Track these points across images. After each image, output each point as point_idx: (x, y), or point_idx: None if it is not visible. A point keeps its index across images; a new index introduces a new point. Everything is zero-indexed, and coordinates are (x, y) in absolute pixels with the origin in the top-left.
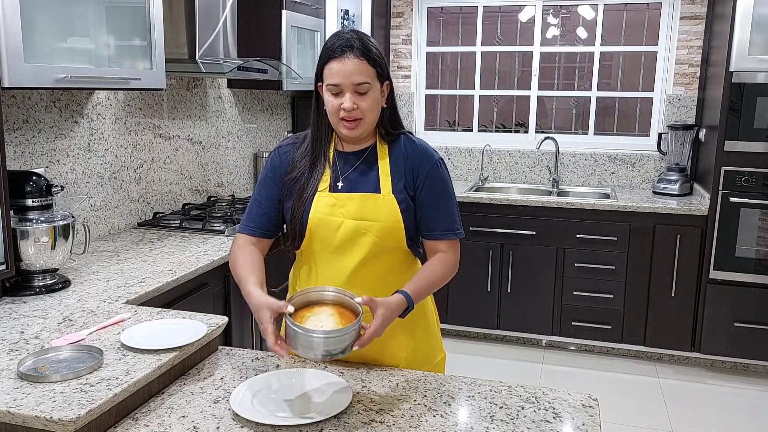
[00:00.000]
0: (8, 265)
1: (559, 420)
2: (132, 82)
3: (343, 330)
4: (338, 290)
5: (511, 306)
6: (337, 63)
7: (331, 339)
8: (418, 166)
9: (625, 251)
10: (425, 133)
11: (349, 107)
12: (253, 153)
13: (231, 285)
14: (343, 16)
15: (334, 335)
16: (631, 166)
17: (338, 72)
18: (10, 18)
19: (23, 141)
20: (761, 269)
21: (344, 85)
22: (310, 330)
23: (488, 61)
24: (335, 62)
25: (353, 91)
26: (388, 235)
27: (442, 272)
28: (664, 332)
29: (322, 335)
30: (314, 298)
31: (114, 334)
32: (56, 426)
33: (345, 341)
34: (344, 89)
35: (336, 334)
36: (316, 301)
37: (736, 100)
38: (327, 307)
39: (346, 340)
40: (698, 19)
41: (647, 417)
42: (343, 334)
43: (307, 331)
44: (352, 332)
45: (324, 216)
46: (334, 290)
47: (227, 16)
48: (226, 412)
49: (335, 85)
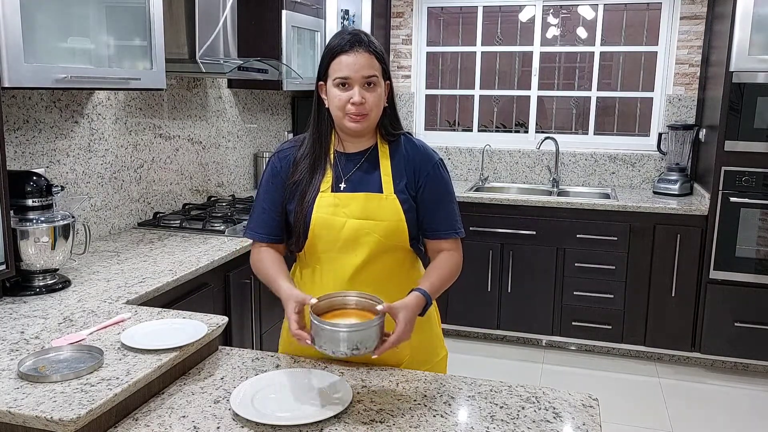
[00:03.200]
0: (8, 265)
1: (560, 420)
2: (132, 82)
3: (367, 323)
4: (361, 294)
5: (511, 306)
6: (346, 56)
7: (355, 332)
8: (419, 168)
9: (625, 251)
10: (425, 133)
11: (358, 100)
12: (254, 153)
13: (231, 285)
14: (343, 16)
15: (358, 328)
16: (631, 166)
17: (348, 65)
18: (10, 18)
19: (23, 141)
20: (761, 269)
21: (354, 78)
22: (334, 323)
23: (488, 61)
24: (344, 56)
25: (362, 85)
26: (391, 235)
27: (450, 269)
28: (664, 332)
29: (346, 328)
30: (338, 303)
31: (114, 334)
32: (56, 426)
33: (369, 335)
34: (353, 82)
35: (360, 327)
36: (339, 305)
37: (736, 100)
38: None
39: (369, 334)
40: (698, 19)
41: (647, 417)
42: (367, 327)
43: (332, 326)
44: (375, 326)
45: (327, 216)
46: (357, 294)
47: (227, 16)
48: (226, 412)
49: (344, 78)
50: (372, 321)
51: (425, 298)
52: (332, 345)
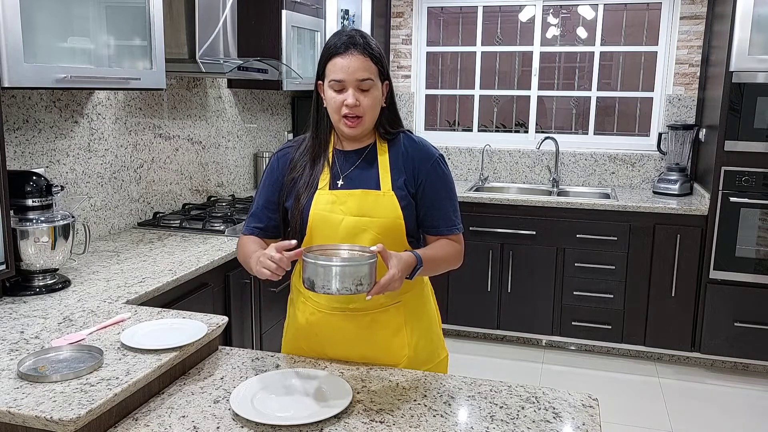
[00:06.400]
0: (8, 265)
1: (560, 420)
2: (132, 82)
3: (360, 260)
4: (353, 246)
5: (511, 306)
6: (341, 59)
7: (348, 267)
8: (419, 165)
9: (625, 251)
10: (425, 133)
11: (351, 103)
12: (253, 153)
13: (231, 285)
14: (343, 16)
15: (351, 263)
16: (631, 166)
17: (342, 68)
18: (10, 18)
19: (23, 141)
20: (761, 269)
21: (347, 81)
22: (327, 258)
23: (488, 61)
24: (339, 58)
25: (356, 88)
26: (388, 231)
27: (449, 251)
28: (664, 332)
29: (339, 262)
30: (330, 252)
31: (114, 334)
32: (56, 426)
33: (361, 272)
34: (347, 85)
35: (353, 263)
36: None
37: (736, 100)
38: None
39: (362, 270)
40: (698, 19)
41: (647, 417)
42: (359, 263)
43: (325, 260)
44: (368, 264)
45: (325, 213)
46: (349, 246)
47: (227, 16)
48: (226, 412)
49: (338, 81)
50: (365, 258)
51: (416, 259)
52: (324, 281)
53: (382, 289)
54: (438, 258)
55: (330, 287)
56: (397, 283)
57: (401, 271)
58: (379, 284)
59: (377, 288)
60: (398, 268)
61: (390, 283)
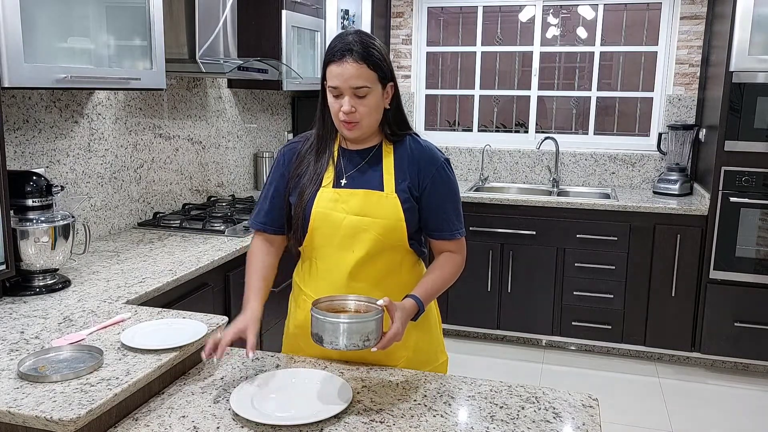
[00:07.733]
0: (8, 265)
1: (560, 420)
2: (132, 82)
3: (366, 316)
4: (360, 297)
5: (511, 306)
6: (336, 66)
7: (355, 324)
8: (424, 169)
9: (625, 251)
10: (425, 133)
11: (347, 110)
12: (254, 153)
13: (231, 285)
14: (343, 16)
15: (358, 320)
16: (631, 166)
17: (337, 75)
18: (10, 18)
19: (23, 141)
20: (761, 269)
21: (343, 88)
22: (335, 315)
23: (488, 61)
24: (334, 65)
25: (352, 95)
26: (389, 233)
27: (449, 272)
28: (664, 332)
29: (347, 319)
30: (337, 305)
31: (114, 334)
32: (56, 426)
33: (368, 328)
34: (343, 92)
35: (359, 319)
36: (339, 308)
37: (736, 100)
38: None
39: (369, 327)
40: (698, 19)
41: (647, 417)
42: (366, 320)
43: (333, 317)
44: (374, 320)
45: (327, 211)
46: (355, 297)
47: (227, 16)
48: (226, 412)
49: (335, 88)
50: (372, 314)
51: (418, 306)
52: (332, 337)
53: (389, 343)
54: (437, 287)
55: (338, 343)
56: (401, 336)
57: (404, 324)
58: (385, 338)
59: (383, 342)
60: (401, 321)
61: (395, 337)
